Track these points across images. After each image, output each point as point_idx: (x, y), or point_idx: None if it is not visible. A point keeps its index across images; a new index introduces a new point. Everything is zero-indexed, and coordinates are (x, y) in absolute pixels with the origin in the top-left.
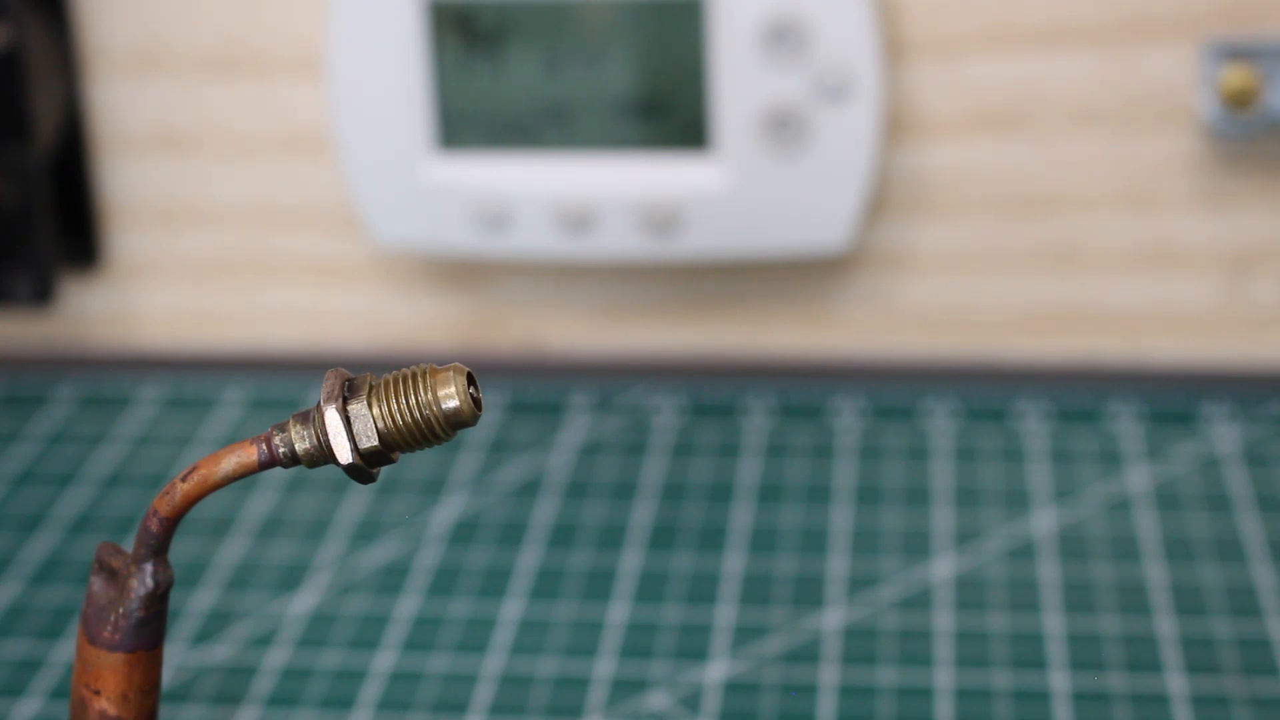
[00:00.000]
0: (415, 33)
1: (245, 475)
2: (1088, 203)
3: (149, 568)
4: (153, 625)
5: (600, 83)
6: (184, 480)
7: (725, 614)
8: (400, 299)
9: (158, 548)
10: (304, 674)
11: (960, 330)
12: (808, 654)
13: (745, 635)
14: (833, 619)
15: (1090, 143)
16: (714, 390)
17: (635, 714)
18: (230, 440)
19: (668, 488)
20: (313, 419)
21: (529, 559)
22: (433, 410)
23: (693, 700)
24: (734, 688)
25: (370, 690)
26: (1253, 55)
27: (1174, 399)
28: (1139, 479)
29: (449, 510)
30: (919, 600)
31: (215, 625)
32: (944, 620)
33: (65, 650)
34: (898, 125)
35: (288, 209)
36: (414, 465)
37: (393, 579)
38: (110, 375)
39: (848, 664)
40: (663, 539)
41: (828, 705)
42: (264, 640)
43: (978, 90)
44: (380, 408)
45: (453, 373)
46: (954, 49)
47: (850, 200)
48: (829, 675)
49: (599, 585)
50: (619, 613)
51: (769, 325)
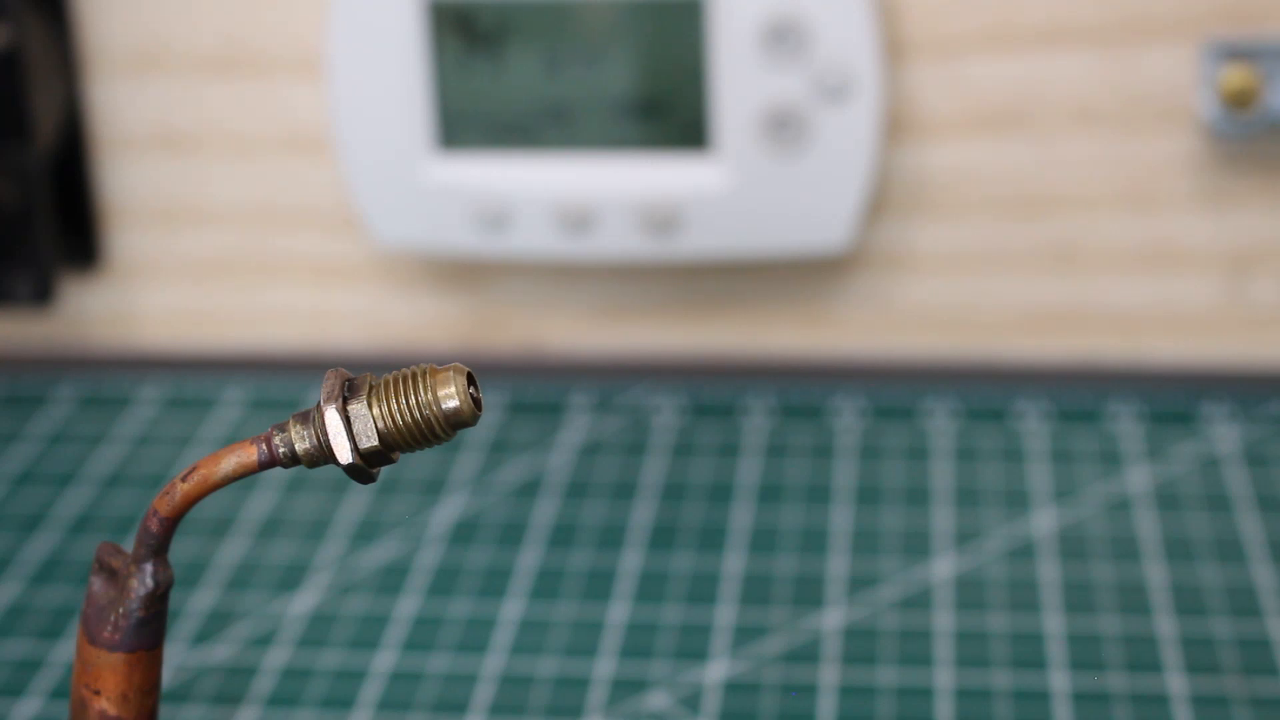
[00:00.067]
0: (415, 33)
1: (245, 475)
2: (1088, 203)
3: (149, 568)
4: (153, 625)
5: (600, 83)
6: (184, 480)
7: (725, 614)
8: (400, 299)
9: (158, 548)
10: (304, 674)
11: (960, 330)
12: (808, 654)
13: (745, 635)
14: (833, 619)
15: (1090, 143)
16: (714, 390)
17: (635, 714)
18: (230, 440)
19: (668, 488)
20: (313, 419)
21: (529, 559)
22: (433, 410)
23: (693, 700)
24: (734, 688)
25: (370, 690)
26: (1253, 55)
27: (1174, 399)
28: (1139, 479)
29: (449, 510)
30: (919, 600)
31: (215, 625)
32: (944, 620)
33: (65, 650)
34: (898, 125)
35: (288, 209)
36: (414, 465)
37: (393, 579)
38: (110, 375)
39: (848, 664)
40: (663, 539)
41: (828, 705)
42: (264, 640)
43: (978, 90)
44: (380, 408)
45: (453, 373)
46: (954, 49)
47: (850, 200)
48: (829, 675)
49: (599, 585)
50: (619, 613)
51: (769, 325)
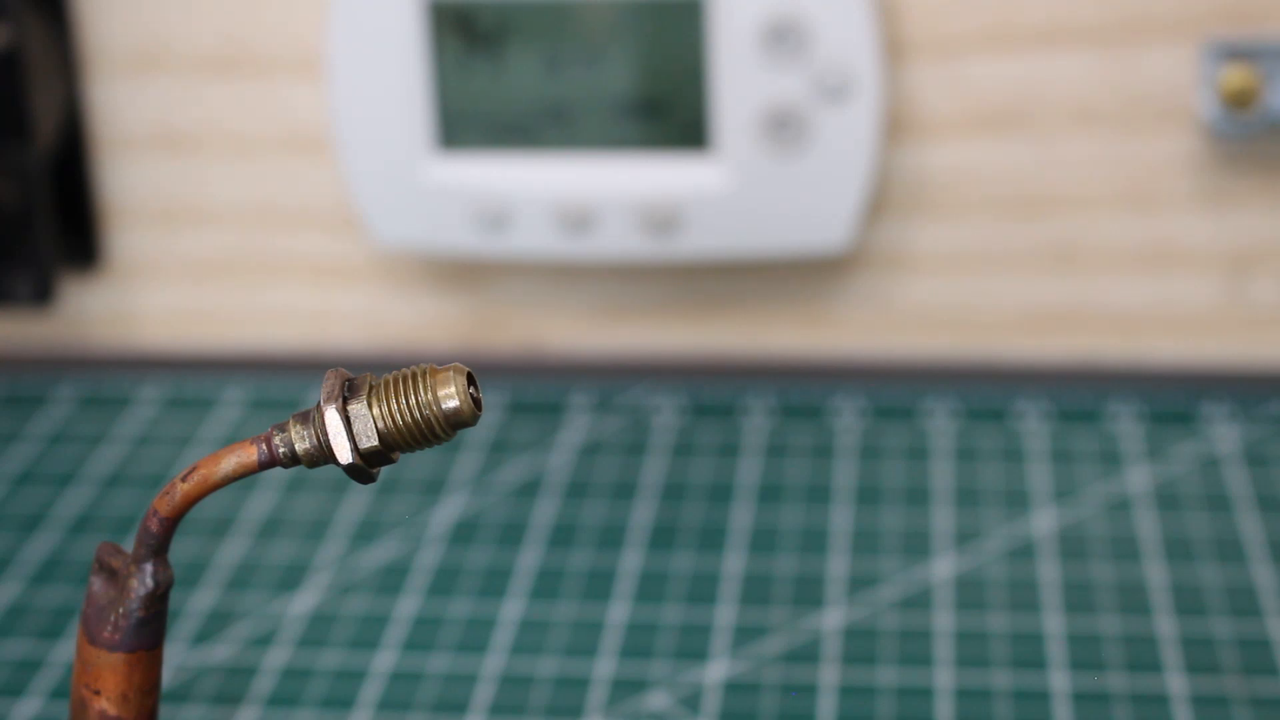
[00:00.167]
0: (415, 33)
1: (245, 475)
2: (1088, 203)
3: (149, 568)
4: (153, 625)
5: (600, 83)
6: (184, 480)
7: (725, 614)
8: (400, 299)
9: (158, 548)
10: (304, 674)
11: (960, 330)
12: (808, 654)
13: (745, 635)
14: (833, 619)
15: (1090, 143)
16: (714, 390)
17: (635, 714)
18: (230, 440)
19: (668, 488)
20: (313, 419)
21: (529, 559)
22: (433, 410)
23: (693, 700)
24: (734, 688)
25: (370, 690)
26: (1253, 55)
27: (1174, 399)
28: (1139, 479)
29: (449, 510)
30: (919, 600)
31: (215, 625)
32: (944, 620)
33: (65, 650)
34: (898, 125)
35: (288, 209)
36: (414, 465)
37: (393, 579)
38: (110, 375)
39: (848, 664)
40: (663, 539)
41: (828, 705)
42: (264, 640)
43: (978, 90)
44: (380, 408)
45: (453, 373)
46: (954, 49)
47: (850, 200)
48: (829, 675)
49: (599, 585)
50: (619, 613)
51: (769, 325)
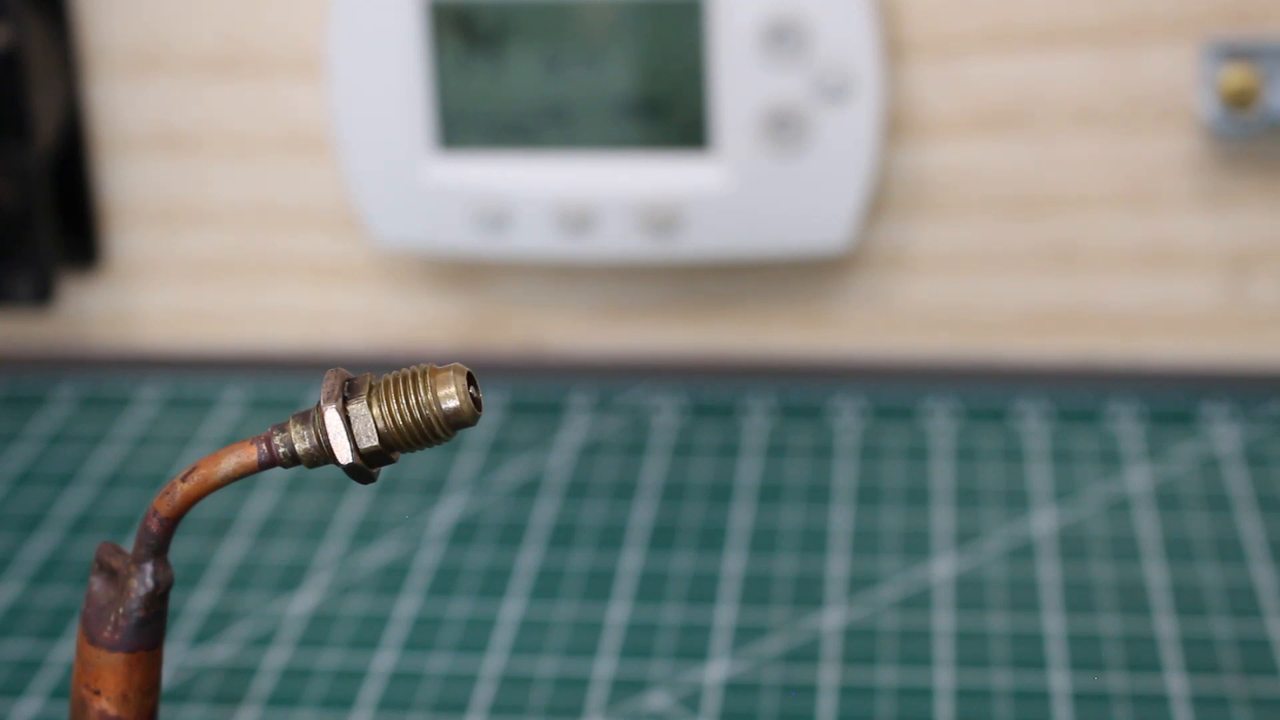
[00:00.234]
0: (415, 33)
1: (245, 475)
2: (1088, 203)
3: (149, 568)
4: (153, 625)
5: (600, 83)
6: (184, 480)
7: (725, 614)
8: (400, 299)
9: (158, 548)
10: (304, 674)
11: (960, 330)
12: (808, 654)
13: (745, 635)
14: (833, 619)
15: (1090, 143)
16: (714, 390)
17: (635, 714)
18: (230, 440)
19: (668, 488)
20: (313, 419)
21: (529, 559)
22: (433, 410)
23: (693, 700)
24: (734, 688)
25: (370, 690)
26: (1253, 55)
27: (1174, 399)
28: (1139, 479)
29: (449, 510)
30: (919, 600)
31: (215, 625)
32: (944, 620)
33: (65, 650)
34: (898, 125)
35: (288, 209)
36: (414, 465)
37: (393, 579)
38: (110, 375)
39: (848, 664)
40: (663, 539)
41: (828, 705)
42: (264, 640)
43: (978, 90)
44: (380, 408)
45: (453, 373)
46: (954, 49)
47: (850, 200)
48: (829, 675)
49: (599, 585)
50: (619, 613)
51: (769, 325)
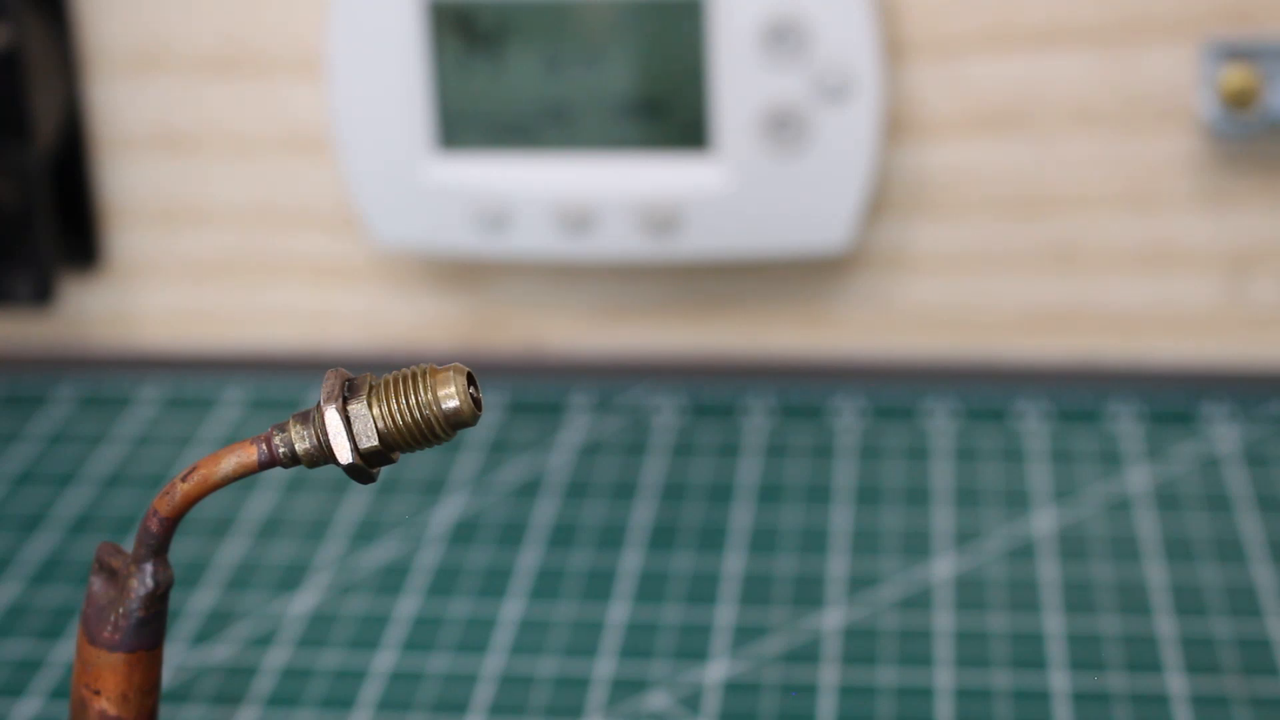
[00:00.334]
0: (415, 33)
1: (245, 475)
2: (1088, 203)
3: (149, 568)
4: (153, 625)
5: (600, 83)
6: (184, 480)
7: (725, 614)
8: (400, 299)
9: (158, 548)
10: (304, 674)
11: (960, 330)
12: (808, 654)
13: (745, 635)
14: (833, 619)
15: (1090, 143)
16: (714, 390)
17: (635, 714)
18: (230, 440)
19: (668, 488)
20: (313, 419)
21: (529, 559)
22: (433, 410)
23: (693, 700)
24: (734, 688)
25: (370, 690)
26: (1253, 55)
27: (1174, 399)
28: (1139, 479)
29: (449, 510)
30: (919, 600)
31: (215, 625)
32: (944, 620)
33: (65, 650)
34: (898, 125)
35: (288, 209)
36: (414, 465)
37: (393, 579)
38: (110, 375)
39: (848, 664)
40: (663, 539)
41: (828, 705)
42: (264, 640)
43: (978, 90)
44: (380, 408)
45: (453, 373)
46: (954, 49)
47: (850, 200)
48: (829, 675)
49: (599, 585)
50: (619, 613)
51: (769, 325)
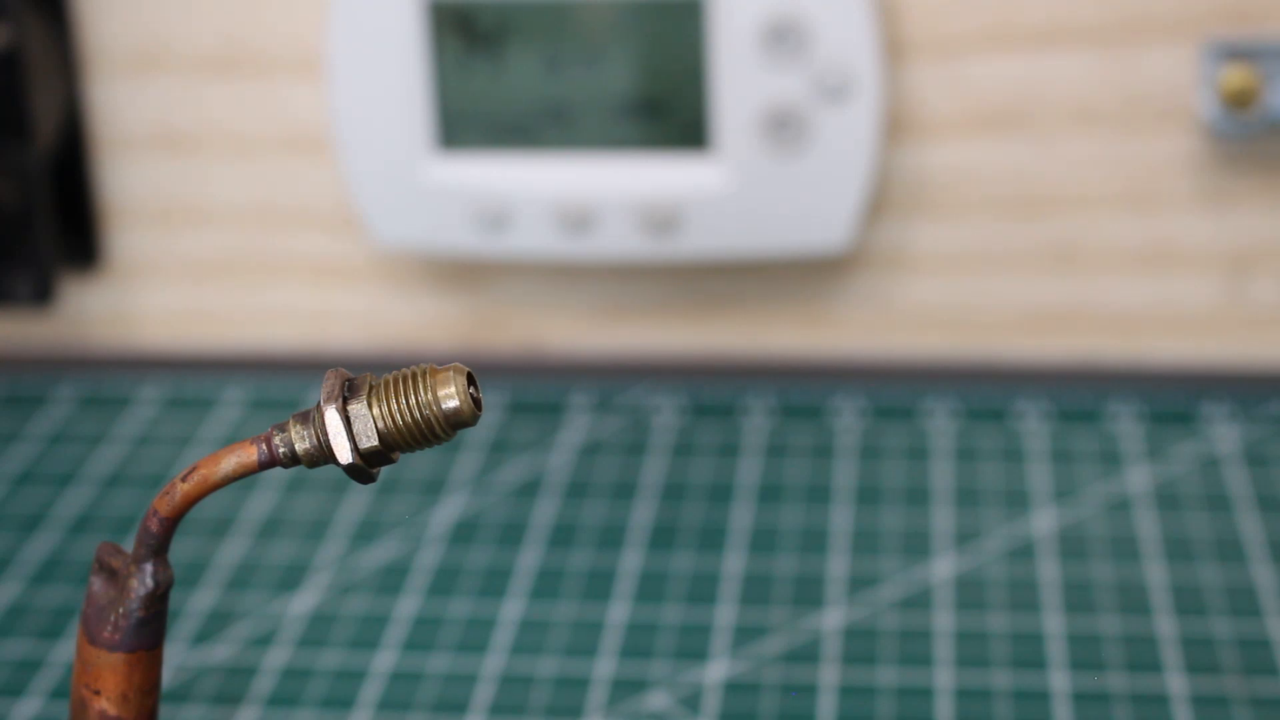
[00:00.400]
0: (415, 33)
1: (245, 475)
2: (1088, 203)
3: (149, 568)
4: (153, 625)
5: (600, 83)
6: (184, 480)
7: (725, 614)
8: (400, 299)
9: (158, 548)
10: (304, 674)
11: (960, 330)
12: (808, 654)
13: (745, 635)
14: (833, 619)
15: (1090, 143)
16: (714, 390)
17: (635, 714)
18: (230, 440)
19: (668, 488)
20: (313, 419)
21: (529, 559)
22: (433, 410)
23: (693, 700)
24: (734, 688)
25: (370, 690)
26: (1253, 55)
27: (1174, 399)
28: (1139, 479)
29: (449, 510)
30: (919, 600)
31: (215, 625)
32: (944, 620)
33: (65, 650)
34: (898, 125)
35: (288, 209)
36: (414, 465)
37: (393, 579)
38: (110, 375)
39: (848, 664)
40: (663, 539)
41: (828, 705)
42: (264, 640)
43: (978, 90)
44: (380, 408)
45: (453, 373)
46: (954, 49)
47: (850, 200)
48: (829, 675)
49: (599, 585)
50: (619, 613)
51: (769, 325)
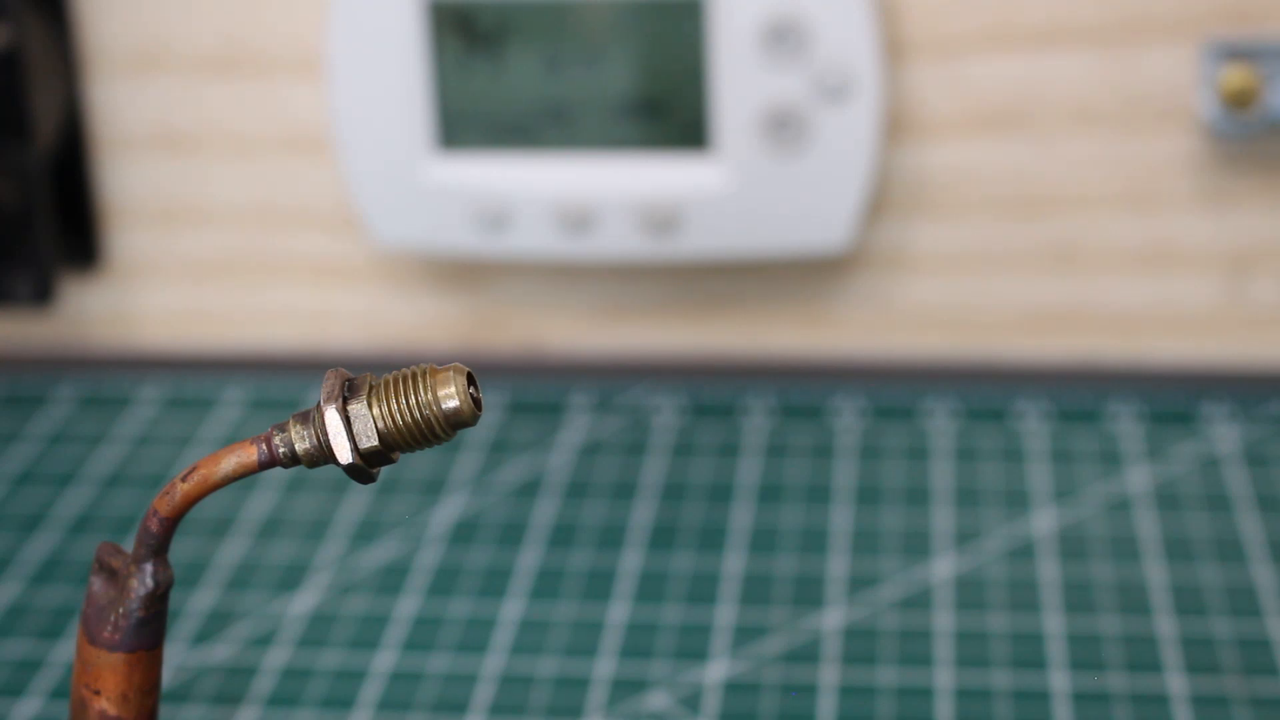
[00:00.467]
0: (415, 33)
1: (245, 475)
2: (1088, 203)
3: (149, 568)
4: (153, 625)
5: (600, 83)
6: (184, 480)
7: (725, 614)
8: (400, 299)
9: (158, 548)
10: (304, 674)
11: (960, 330)
12: (808, 654)
13: (745, 635)
14: (833, 619)
15: (1090, 143)
16: (714, 390)
17: (635, 714)
18: (230, 440)
19: (668, 488)
20: (313, 419)
21: (529, 559)
22: (433, 410)
23: (693, 700)
24: (734, 688)
25: (370, 690)
26: (1253, 55)
27: (1174, 399)
28: (1139, 479)
29: (449, 510)
30: (919, 600)
31: (215, 625)
32: (944, 620)
33: (65, 650)
34: (898, 125)
35: (288, 209)
36: (414, 465)
37: (393, 579)
38: (110, 375)
39: (848, 664)
40: (663, 539)
41: (828, 705)
42: (264, 640)
43: (978, 90)
44: (380, 408)
45: (453, 373)
46: (954, 49)
47: (850, 200)
48: (829, 675)
49: (599, 585)
50: (619, 613)
51: (769, 325)
